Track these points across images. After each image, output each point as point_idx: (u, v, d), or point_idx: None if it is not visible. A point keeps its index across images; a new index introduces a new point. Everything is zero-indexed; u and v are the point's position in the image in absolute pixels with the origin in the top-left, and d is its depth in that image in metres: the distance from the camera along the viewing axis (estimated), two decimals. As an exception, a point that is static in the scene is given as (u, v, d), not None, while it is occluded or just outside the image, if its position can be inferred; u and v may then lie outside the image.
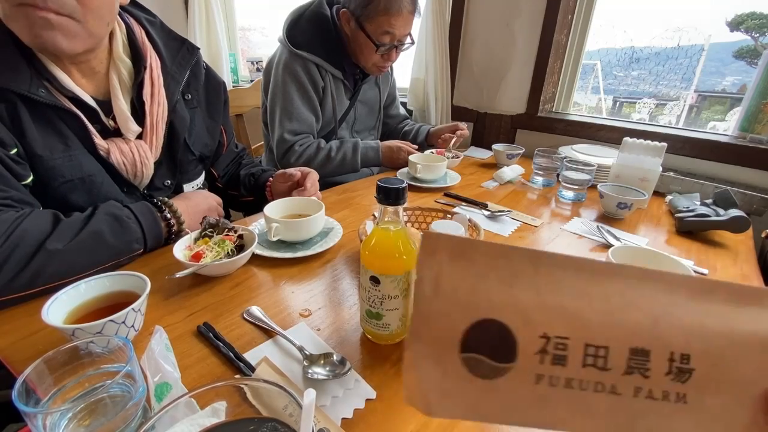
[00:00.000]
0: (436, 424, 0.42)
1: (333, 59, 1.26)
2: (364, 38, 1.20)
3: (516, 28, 1.50)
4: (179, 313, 0.58)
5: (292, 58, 1.22)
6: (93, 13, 0.62)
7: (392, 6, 1.14)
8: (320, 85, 1.26)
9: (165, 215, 0.72)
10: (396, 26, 1.18)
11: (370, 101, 1.44)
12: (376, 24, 1.17)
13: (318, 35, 1.24)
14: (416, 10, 1.21)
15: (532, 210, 1.03)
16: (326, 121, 1.33)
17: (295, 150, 1.23)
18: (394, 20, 1.16)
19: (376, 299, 0.49)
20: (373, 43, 1.19)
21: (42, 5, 0.57)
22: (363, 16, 1.17)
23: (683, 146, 1.27)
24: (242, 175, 1.04)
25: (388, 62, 1.29)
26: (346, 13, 1.20)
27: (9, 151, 0.61)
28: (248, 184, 1.02)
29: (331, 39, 1.25)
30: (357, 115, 1.42)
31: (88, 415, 0.37)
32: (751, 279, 0.75)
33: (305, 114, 1.25)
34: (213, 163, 1.02)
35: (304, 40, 1.22)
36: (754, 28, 1.36)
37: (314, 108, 1.27)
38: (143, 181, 0.79)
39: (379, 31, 1.18)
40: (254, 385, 0.35)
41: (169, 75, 0.80)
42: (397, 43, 1.22)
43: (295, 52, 1.21)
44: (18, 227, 0.56)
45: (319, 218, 0.78)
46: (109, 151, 0.72)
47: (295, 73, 1.22)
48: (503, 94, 1.62)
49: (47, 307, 0.47)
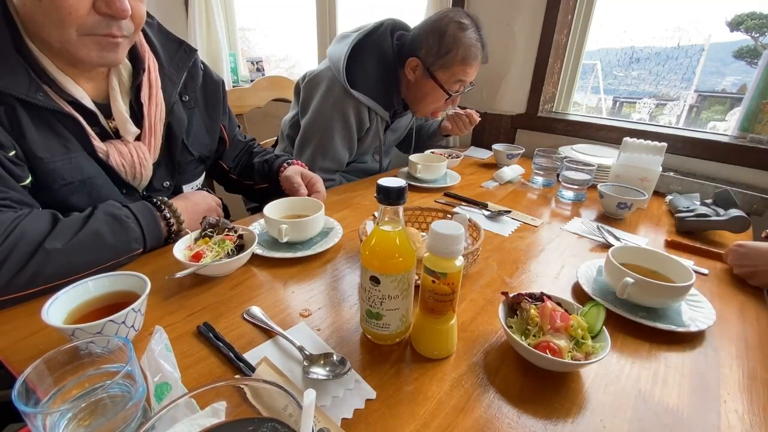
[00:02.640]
0: (436, 424, 0.42)
1: (385, 101, 1.21)
2: (433, 86, 1.17)
3: (516, 28, 1.50)
4: (179, 313, 0.58)
5: (345, 97, 1.15)
6: (138, 27, 0.69)
7: (469, 56, 1.12)
8: (366, 126, 1.22)
9: (165, 215, 0.72)
10: (469, 75, 1.17)
11: (400, 128, 1.42)
12: (450, 73, 1.15)
13: (376, 75, 1.17)
14: (485, 58, 1.19)
15: (532, 210, 1.03)
16: (359, 153, 1.31)
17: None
18: (469, 69, 1.15)
19: (376, 299, 0.49)
20: (445, 92, 1.17)
21: (119, 34, 0.64)
22: (437, 65, 1.13)
23: (683, 146, 1.27)
24: (256, 164, 1.04)
25: (450, 107, 1.27)
26: (415, 61, 1.15)
27: (7, 152, 0.61)
28: (263, 171, 1.02)
29: (388, 79, 1.20)
30: (385, 142, 1.38)
31: (88, 415, 0.37)
32: (751, 279, 0.75)
33: (341, 153, 1.21)
34: (220, 158, 1.02)
35: (362, 80, 1.15)
36: (754, 28, 1.36)
37: (352, 148, 1.23)
38: (142, 182, 0.80)
39: (452, 80, 1.16)
40: (254, 386, 0.35)
41: (167, 77, 0.80)
42: (463, 88, 1.21)
43: (349, 91, 1.14)
44: (17, 227, 0.56)
45: (321, 217, 0.78)
46: (108, 153, 0.72)
47: (345, 114, 1.16)
48: (503, 94, 1.62)
49: (47, 307, 0.47)
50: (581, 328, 0.50)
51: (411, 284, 0.50)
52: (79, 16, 0.59)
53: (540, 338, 0.50)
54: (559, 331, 0.50)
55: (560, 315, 0.51)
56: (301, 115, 1.24)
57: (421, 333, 0.52)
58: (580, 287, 0.66)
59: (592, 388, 0.48)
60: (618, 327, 0.58)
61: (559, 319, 0.51)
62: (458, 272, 0.47)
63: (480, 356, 0.52)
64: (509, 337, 0.50)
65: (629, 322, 0.59)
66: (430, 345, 0.52)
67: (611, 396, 0.47)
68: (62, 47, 0.62)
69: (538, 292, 0.56)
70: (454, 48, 1.11)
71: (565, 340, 0.49)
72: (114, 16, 0.62)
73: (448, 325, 0.51)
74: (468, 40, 1.11)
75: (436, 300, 0.48)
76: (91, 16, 0.60)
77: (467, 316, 0.60)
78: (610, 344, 0.48)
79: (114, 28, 0.63)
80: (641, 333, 0.57)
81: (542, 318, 0.51)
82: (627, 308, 0.61)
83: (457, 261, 0.46)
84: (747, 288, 0.72)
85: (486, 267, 0.74)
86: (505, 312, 0.54)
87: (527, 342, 0.49)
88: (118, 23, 0.63)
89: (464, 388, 0.47)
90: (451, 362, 0.51)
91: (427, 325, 0.51)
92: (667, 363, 0.53)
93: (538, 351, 0.47)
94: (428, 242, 0.47)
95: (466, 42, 1.11)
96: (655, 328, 0.57)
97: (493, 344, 0.54)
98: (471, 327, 0.58)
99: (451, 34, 1.10)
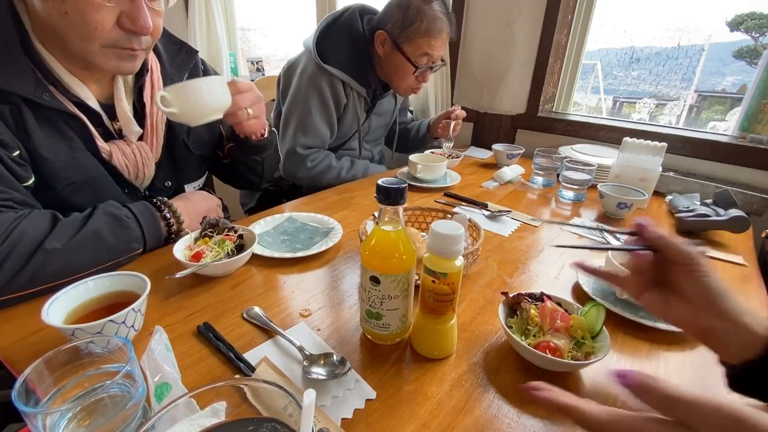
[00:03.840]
0: (436, 424, 0.42)
1: (360, 76, 1.24)
2: (401, 60, 1.19)
3: (516, 28, 1.50)
4: (179, 313, 0.58)
5: (318, 72, 1.19)
6: (155, 40, 0.70)
7: (433, 28, 1.15)
8: (343, 102, 1.25)
9: (164, 215, 0.72)
10: (435, 48, 1.18)
11: (384, 113, 1.43)
12: (415, 46, 1.17)
13: (348, 51, 1.21)
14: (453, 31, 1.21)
15: (532, 210, 1.03)
16: (343, 133, 1.32)
17: (306, 165, 1.22)
18: (434, 42, 1.17)
19: (376, 299, 0.49)
20: (412, 65, 1.19)
21: (138, 48, 0.66)
22: (402, 37, 1.16)
23: (683, 146, 1.27)
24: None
25: (422, 83, 1.28)
26: (383, 34, 1.19)
27: (11, 152, 0.61)
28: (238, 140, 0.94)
29: (361, 55, 1.23)
30: (371, 127, 1.40)
31: (88, 415, 0.37)
32: (751, 279, 0.75)
33: (321, 129, 1.23)
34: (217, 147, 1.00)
35: (332, 55, 1.19)
36: (754, 28, 1.36)
37: (332, 123, 1.25)
38: (144, 182, 0.80)
39: (418, 52, 1.17)
40: (254, 386, 0.35)
41: (168, 77, 0.81)
42: (432, 64, 1.22)
43: (322, 66, 1.18)
44: (17, 227, 0.56)
45: (217, 81, 0.70)
46: (111, 153, 0.72)
47: (320, 88, 1.20)
48: (503, 94, 1.62)
49: (47, 307, 0.47)
50: (581, 329, 0.50)
51: (411, 284, 0.50)
52: (104, 31, 0.61)
53: (540, 338, 0.50)
54: (560, 331, 0.50)
55: (560, 315, 0.51)
56: (282, 102, 1.29)
57: (421, 333, 0.52)
58: (580, 287, 0.66)
59: (592, 388, 0.48)
60: (618, 327, 0.58)
61: (559, 319, 0.51)
62: (458, 272, 0.47)
63: (480, 356, 0.52)
64: (509, 337, 0.50)
65: (629, 322, 0.59)
66: (430, 345, 0.52)
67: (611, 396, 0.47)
68: (82, 56, 0.64)
69: (538, 292, 0.56)
70: (418, 20, 1.14)
71: (566, 340, 0.49)
72: (137, 33, 0.63)
73: (448, 325, 0.51)
74: (432, 12, 1.14)
75: (436, 300, 0.48)
76: (114, 31, 0.62)
77: (467, 316, 0.60)
78: (610, 344, 0.48)
79: (135, 43, 0.65)
80: (641, 333, 0.57)
81: (542, 318, 0.51)
82: (627, 308, 0.61)
83: (457, 261, 0.46)
84: (747, 288, 0.72)
85: (486, 267, 0.74)
86: (505, 312, 0.54)
87: (527, 342, 0.49)
88: (138, 38, 0.65)
89: (464, 388, 0.47)
90: (451, 362, 0.51)
91: (427, 325, 0.51)
92: (667, 363, 0.53)
93: (538, 351, 0.47)
94: (428, 242, 0.47)
95: (430, 14, 1.14)
96: (655, 328, 0.57)
97: (493, 344, 0.54)
98: (471, 327, 0.58)
99: (415, 6, 1.14)
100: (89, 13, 0.59)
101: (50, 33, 0.63)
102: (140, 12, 0.62)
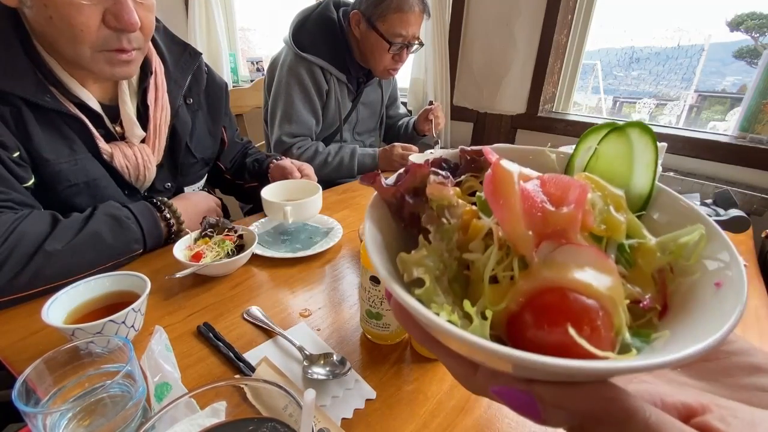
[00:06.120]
0: (436, 424, 0.42)
1: (338, 62, 1.26)
2: (376, 38, 1.20)
3: (516, 28, 1.50)
4: (179, 313, 0.58)
5: (296, 61, 1.23)
6: (148, 38, 0.69)
7: (404, 4, 1.16)
8: (324, 88, 1.27)
9: (165, 215, 0.72)
10: (408, 24, 1.19)
11: (372, 103, 1.45)
12: (388, 23, 1.18)
13: (324, 38, 1.24)
14: (426, 10, 1.23)
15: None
16: (329, 123, 1.33)
17: (293, 153, 1.24)
18: (407, 18, 1.18)
19: (376, 299, 0.49)
20: (386, 42, 1.20)
21: (128, 48, 0.65)
22: (375, 15, 1.18)
23: (683, 146, 1.27)
24: (248, 162, 1.06)
25: (399, 64, 1.29)
26: (357, 14, 1.21)
27: (11, 154, 0.61)
28: (252, 169, 1.04)
29: (337, 42, 1.25)
30: (359, 118, 1.42)
31: (88, 415, 0.37)
32: (752, 279, 0.75)
33: (305, 117, 1.25)
34: (218, 158, 1.03)
35: (309, 43, 1.23)
36: (754, 28, 1.36)
37: (315, 111, 1.27)
38: (145, 184, 0.80)
39: (391, 30, 1.19)
40: (254, 385, 0.35)
41: (172, 80, 0.81)
42: (407, 42, 1.23)
43: (300, 54, 1.22)
44: (16, 228, 0.56)
45: (320, 196, 0.81)
46: (112, 155, 0.72)
47: (299, 76, 1.22)
48: (503, 94, 1.62)
49: (47, 307, 0.47)
50: (617, 205, 0.22)
51: (411, 284, 0.50)
52: (90, 32, 0.60)
53: (525, 282, 0.19)
54: (567, 238, 0.20)
55: (549, 183, 0.21)
56: (268, 96, 1.32)
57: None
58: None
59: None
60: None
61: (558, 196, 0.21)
62: (458, 272, 0.46)
63: (480, 356, 0.52)
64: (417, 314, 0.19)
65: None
66: (430, 345, 0.51)
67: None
68: (75, 61, 0.63)
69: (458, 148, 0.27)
70: None
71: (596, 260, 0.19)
72: (123, 30, 0.62)
73: (447, 325, 0.50)
74: None
75: (436, 300, 0.48)
76: (102, 31, 0.61)
77: (467, 316, 0.60)
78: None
79: (124, 42, 0.64)
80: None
81: (504, 212, 0.20)
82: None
83: (456, 261, 0.46)
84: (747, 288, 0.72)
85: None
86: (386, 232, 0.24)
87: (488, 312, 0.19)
88: (127, 36, 0.64)
89: (464, 388, 0.47)
90: (451, 362, 0.51)
91: (427, 325, 0.51)
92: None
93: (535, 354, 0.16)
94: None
95: None
96: (655, 328, 0.57)
97: (493, 344, 0.54)
98: (471, 327, 0.57)
99: None
100: (72, 15, 0.58)
101: (45, 38, 0.63)
102: (123, 7, 0.60)
